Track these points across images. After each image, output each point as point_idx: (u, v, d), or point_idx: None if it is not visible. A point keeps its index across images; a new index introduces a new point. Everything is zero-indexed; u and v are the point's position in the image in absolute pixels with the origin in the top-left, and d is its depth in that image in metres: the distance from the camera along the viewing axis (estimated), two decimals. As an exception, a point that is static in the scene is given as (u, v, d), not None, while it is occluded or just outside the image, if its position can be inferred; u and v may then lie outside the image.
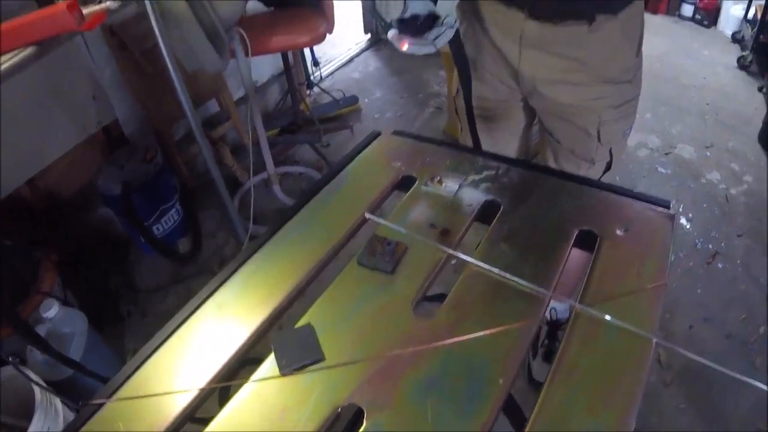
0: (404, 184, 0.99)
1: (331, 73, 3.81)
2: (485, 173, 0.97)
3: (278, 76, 3.35)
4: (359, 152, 1.08)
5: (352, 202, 0.94)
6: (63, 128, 2.21)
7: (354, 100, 3.35)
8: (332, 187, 0.99)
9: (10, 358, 0.91)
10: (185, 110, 2.02)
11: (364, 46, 4.15)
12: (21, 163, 2.08)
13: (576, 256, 0.86)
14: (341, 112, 3.32)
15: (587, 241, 0.85)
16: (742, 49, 3.82)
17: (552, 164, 1.45)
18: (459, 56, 1.12)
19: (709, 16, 4.23)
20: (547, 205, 0.91)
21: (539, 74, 1.29)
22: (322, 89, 3.46)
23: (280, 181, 2.69)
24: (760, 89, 3.40)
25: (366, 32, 4.25)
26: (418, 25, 0.96)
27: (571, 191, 0.94)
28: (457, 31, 1.05)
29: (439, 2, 0.95)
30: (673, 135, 3.02)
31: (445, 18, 0.97)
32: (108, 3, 1.47)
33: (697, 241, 2.43)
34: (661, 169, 2.85)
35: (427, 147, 1.08)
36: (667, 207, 0.90)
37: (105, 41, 2.25)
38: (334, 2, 2.64)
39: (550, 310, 1.78)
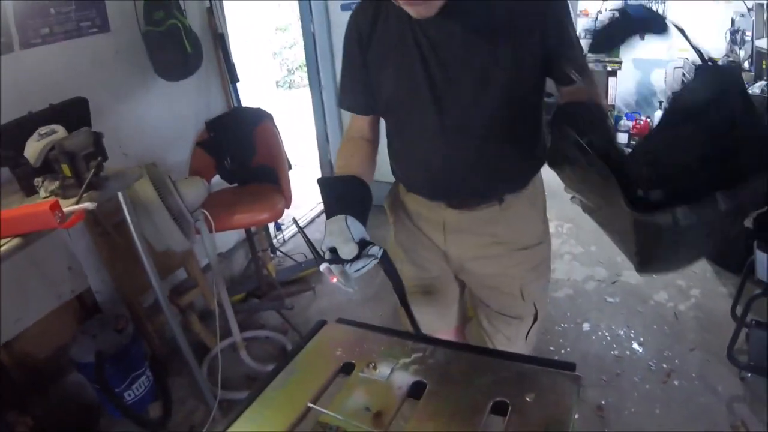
0: (345, 369, 1.14)
1: (294, 235, 4.04)
2: (414, 356, 1.13)
3: (243, 242, 3.53)
4: (306, 342, 1.24)
5: (298, 392, 1.07)
6: (39, 296, 2.36)
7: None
8: (280, 379, 1.13)
9: None
10: (152, 283, 2.18)
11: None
12: None
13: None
14: (304, 274, 3.50)
15: (503, 409, 0.99)
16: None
17: (486, 325, 1.61)
18: (391, 272, 1.24)
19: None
20: (466, 381, 1.06)
21: (464, 253, 1.51)
22: (284, 253, 3.66)
23: (247, 346, 2.79)
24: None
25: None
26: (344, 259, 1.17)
27: (487, 365, 1.09)
28: (385, 252, 1.20)
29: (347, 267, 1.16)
30: (618, 263, 3.19)
31: (369, 248, 1.19)
32: (87, 204, 1.66)
33: (650, 363, 2.55)
34: (609, 299, 3.02)
35: (365, 334, 1.24)
36: (573, 369, 1.05)
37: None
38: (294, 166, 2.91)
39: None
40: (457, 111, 1.31)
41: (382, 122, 1.51)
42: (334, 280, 1.19)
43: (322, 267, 1.19)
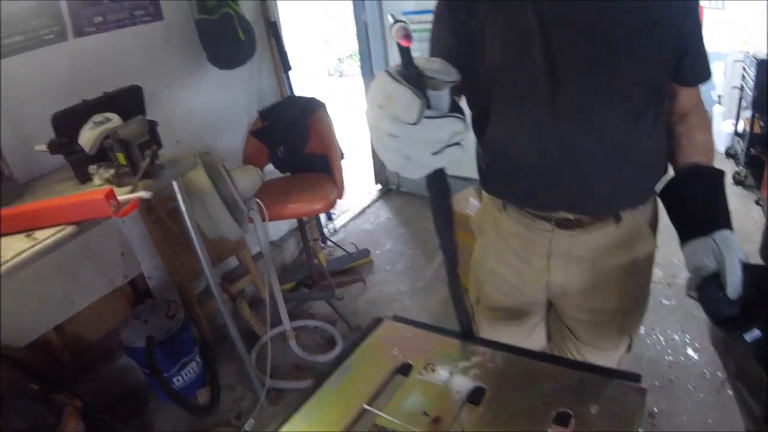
0: (402, 370, 1.09)
1: (345, 224, 4.03)
2: (473, 359, 1.07)
3: (294, 231, 3.55)
4: (362, 339, 1.19)
5: (353, 392, 1.03)
6: (92, 280, 2.41)
7: (366, 253, 3.53)
8: (336, 377, 1.09)
9: None
10: (204, 270, 2.18)
11: (375, 196, 4.40)
12: (49, 311, 2.26)
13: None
14: (354, 264, 3.48)
15: (565, 420, 0.93)
16: (736, 164, 3.94)
17: (573, 354, 1.45)
18: (441, 207, 0.91)
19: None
20: (527, 388, 1.00)
21: (569, 282, 1.29)
22: (335, 243, 3.64)
23: (296, 335, 2.79)
24: (756, 202, 3.48)
25: (377, 183, 4.52)
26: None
27: (549, 373, 1.03)
28: (447, 188, 0.88)
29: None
30: (675, 265, 3.04)
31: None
32: (141, 193, 1.65)
33: (705, 370, 2.43)
34: (665, 302, 2.88)
35: (423, 334, 1.19)
36: (638, 381, 0.98)
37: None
38: (346, 156, 2.88)
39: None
40: (578, 89, 1.04)
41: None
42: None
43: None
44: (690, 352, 2.55)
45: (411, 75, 0.70)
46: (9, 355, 2.06)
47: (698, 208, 1.07)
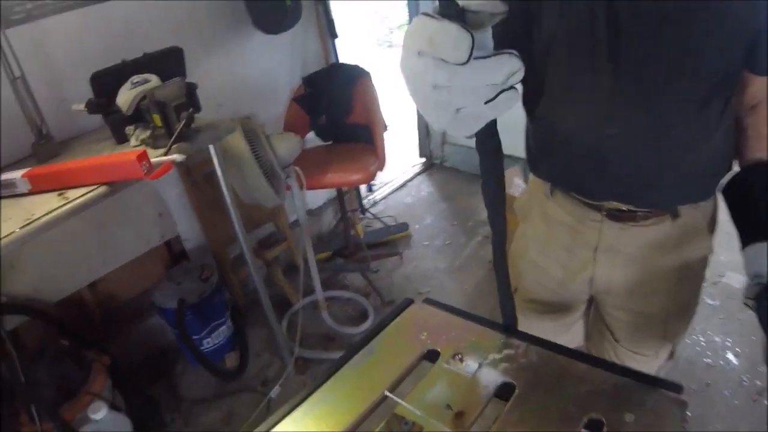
0: (429, 356, 1.04)
1: (385, 197, 3.97)
2: (505, 352, 1.01)
3: (333, 200, 3.52)
4: (390, 321, 1.14)
5: (376, 375, 0.99)
6: (127, 239, 2.43)
7: (404, 227, 3.47)
8: (359, 358, 1.05)
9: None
10: (237, 235, 2.17)
11: (418, 169, 4.33)
12: (84, 268, 2.29)
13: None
14: (392, 237, 3.44)
15: (597, 427, 0.86)
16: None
17: (611, 356, 1.36)
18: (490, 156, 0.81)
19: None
20: (559, 388, 0.94)
21: (614, 279, 1.21)
22: (373, 215, 3.60)
23: (328, 306, 2.77)
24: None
25: (421, 156, 4.43)
26: None
27: (584, 375, 0.96)
28: (499, 145, 0.80)
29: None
30: (722, 263, 2.90)
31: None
32: (175, 156, 1.63)
33: (743, 377, 2.33)
34: (709, 301, 2.76)
35: (454, 320, 1.13)
36: (679, 392, 0.91)
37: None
38: (390, 127, 2.81)
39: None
40: (643, 66, 0.93)
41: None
42: None
43: None
44: (730, 356, 2.43)
45: (452, 12, 0.59)
46: (41, 310, 2.10)
47: (763, 209, 0.96)
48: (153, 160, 1.52)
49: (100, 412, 1.84)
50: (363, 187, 3.72)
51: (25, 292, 2.11)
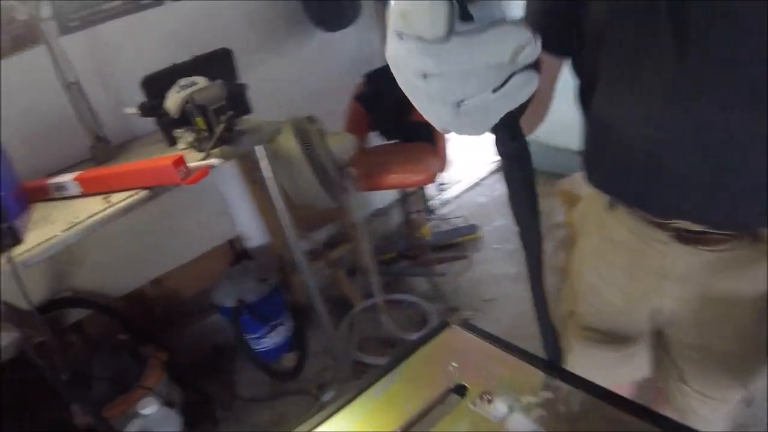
0: (456, 390, 0.93)
1: (458, 195, 3.85)
2: (542, 395, 0.88)
3: (401, 200, 3.42)
4: (420, 345, 1.03)
5: (396, 407, 0.90)
6: (190, 238, 2.50)
7: (474, 229, 3.34)
8: (383, 384, 0.95)
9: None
10: (289, 242, 2.15)
11: (494, 168, 4.16)
12: (148, 264, 2.37)
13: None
14: (461, 240, 3.32)
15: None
16: None
17: (678, 399, 1.19)
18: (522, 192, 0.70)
19: None
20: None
21: (684, 311, 1.04)
22: (439, 218, 3.48)
23: (389, 309, 2.69)
24: None
25: (496, 154, 4.26)
26: None
27: (632, 428, 0.82)
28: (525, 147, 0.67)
29: None
30: None
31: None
32: (212, 160, 1.61)
33: None
34: None
35: (491, 349, 1.01)
36: None
37: (237, 163, 2.44)
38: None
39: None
40: (712, 55, 0.73)
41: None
42: None
43: None
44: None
45: None
46: (106, 305, 2.14)
47: None
48: (190, 164, 1.50)
49: (149, 408, 1.87)
50: (432, 186, 3.60)
51: (90, 287, 2.17)
